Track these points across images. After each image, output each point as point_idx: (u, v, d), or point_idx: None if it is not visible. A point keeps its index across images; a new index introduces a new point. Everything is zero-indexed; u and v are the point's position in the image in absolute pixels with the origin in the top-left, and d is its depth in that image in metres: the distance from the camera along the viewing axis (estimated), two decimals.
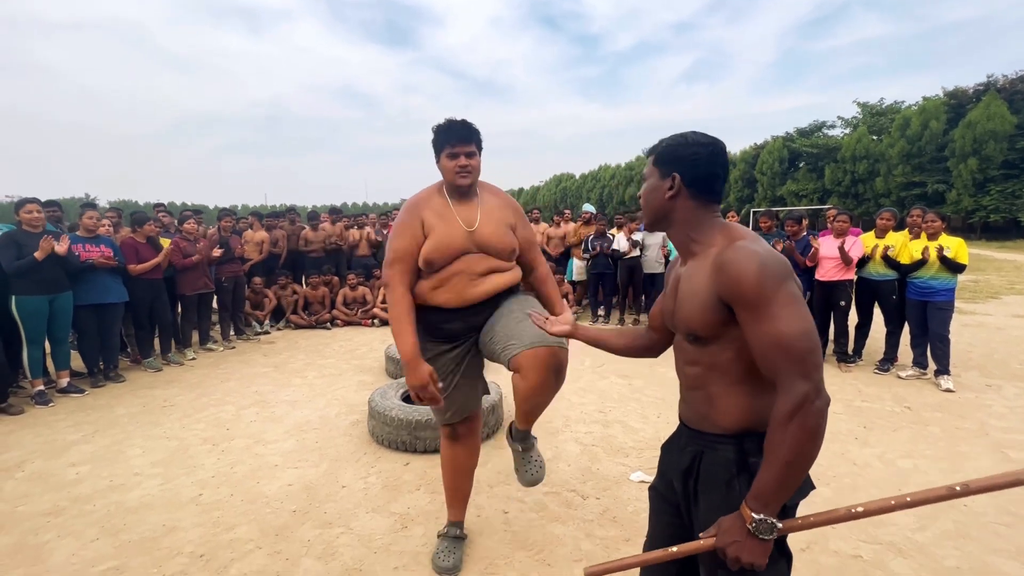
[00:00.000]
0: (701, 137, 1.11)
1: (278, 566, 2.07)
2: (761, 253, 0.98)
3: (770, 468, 0.93)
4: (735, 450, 1.05)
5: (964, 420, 3.51)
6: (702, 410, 1.11)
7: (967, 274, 11.02)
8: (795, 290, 0.97)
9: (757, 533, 0.94)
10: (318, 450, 3.13)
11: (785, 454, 0.91)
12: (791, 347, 0.92)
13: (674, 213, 1.13)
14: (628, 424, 3.51)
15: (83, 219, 4.41)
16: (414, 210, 1.87)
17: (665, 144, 1.15)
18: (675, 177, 1.11)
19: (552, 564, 2.08)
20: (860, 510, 0.95)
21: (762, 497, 0.94)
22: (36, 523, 2.37)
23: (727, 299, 0.99)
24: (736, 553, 0.96)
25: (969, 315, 7.05)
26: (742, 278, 0.96)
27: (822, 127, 32.75)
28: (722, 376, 1.06)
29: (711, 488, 1.07)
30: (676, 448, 1.21)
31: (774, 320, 0.93)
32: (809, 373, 0.91)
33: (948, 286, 4.23)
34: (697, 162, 1.09)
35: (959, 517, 2.38)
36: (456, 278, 1.83)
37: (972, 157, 21.89)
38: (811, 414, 0.90)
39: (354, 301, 7.12)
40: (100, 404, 3.96)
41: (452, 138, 1.82)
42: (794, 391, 0.91)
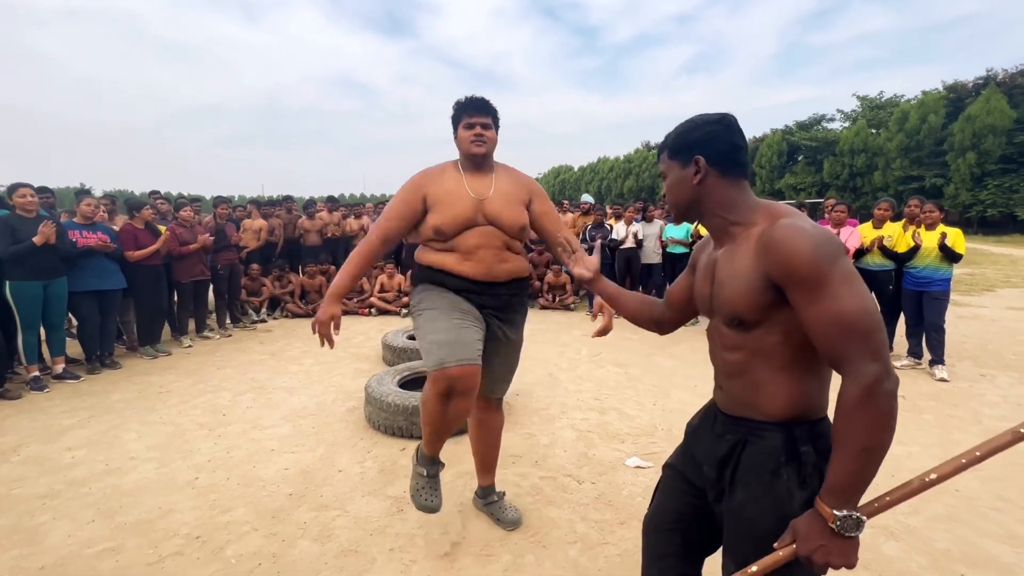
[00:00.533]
0: (709, 116, 1.08)
1: (274, 547, 2.08)
2: (811, 230, 0.93)
3: (845, 458, 0.87)
4: (783, 438, 0.98)
5: (957, 408, 3.54)
6: (745, 397, 1.04)
7: (963, 267, 11.07)
8: (851, 266, 0.92)
9: (843, 531, 0.87)
10: (314, 435, 3.14)
11: (861, 440, 0.85)
12: (855, 326, 0.86)
13: (705, 199, 1.08)
14: (624, 411, 3.52)
15: (80, 206, 4.38)
16: (418, 187, 1.91)
17: (675, 133, 1.11)
18: (698, 160, 1.06)
19: (547, 546, 2.09)
20: (933, 477, 0.91)
21: (840, 491, 0.87)
22: (31, 505, 2.37)
23: (778, 280, 0.93)
24: (824, 558, 0.88)
25: (964, 307, 7.08)
26: (795, 257, 0.90)
27: (821, 120, 32.66)
28: (768, 361, 1.00)
29: (753, 478, 1.01)
30: (710, 434, 1.14)
31: (834, 299, 0.88)
32: (877, 353, 0.86)
33: (944, 276, 4.24)
34: (716, 139, 1.05)
35: (951, 501, 2.40)
36: (483, 251, 1.85)
37: (971, 151, 21.88)
38: (884, 396, 0.85)
39: (351, 289, 7.11)
40: (96, 390, 3.95)
41: (470, 108, 1.89)
42: (863, 373, 0.85)
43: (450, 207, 1.85)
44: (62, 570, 1.94)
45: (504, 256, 1.90)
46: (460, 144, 1.92)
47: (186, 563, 1.98)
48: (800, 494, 0.97)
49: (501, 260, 1.89)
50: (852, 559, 0.89)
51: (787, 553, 0.93)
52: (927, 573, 1.93)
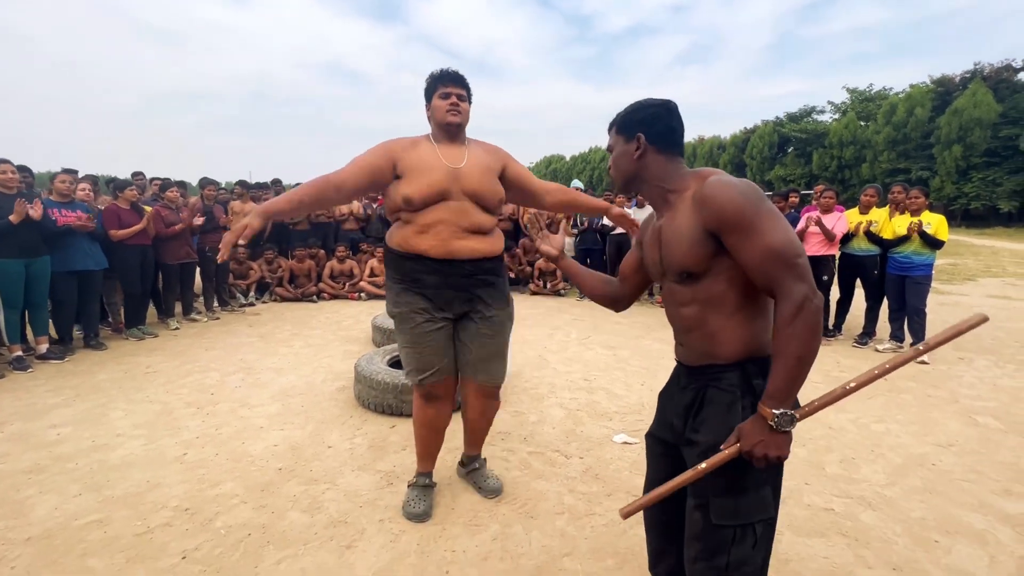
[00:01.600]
0: (654, 100, 1.22)
1: (263, 519, 2.09)
2: (735, 181, 1.05)
3: (783, 366, 0.99)
4: (739, 375, 1.10)
5: (936, 389, 3.63)
6: (702, 347, 1.15)
7: (947, 257, 11.28)
8: (772, 206, 1.04)
9: (779, 427, 1.00)
10: (304, 413, 3.14)
11: (795, 349, 0.98)
12: (783, 254, 0.99)
13: (645, 171, 1.20)
14: (612, 391, 3.56)
15: (55, 183, 4.27)
16: (388, 150, 1.85)
17: (623, 113, 1.24)
18: (639, 137, 1.19)
19: (535, 516, 2.12)
20: (852, 385, 1.05)
21: (778, 394, 1.00)
22: (16, 480, 2.35)
23: (714, 228, 1.05)
24: (764, 451, 1.01)
25: (946, 295, 7.22)
26: (725, 205, 1.02)
27: (811, 112, 32.80)
28: (719, 308, 1.11)
29: (713, 414, 1.12)
30: (676, 390, 1.25)
31: (762, 235, 1.00)
32: (803, 275, 0.99)
33: (926, 261, 4.32)
34: (656, 119, 1.19)
35: (927, 474, 2.47)
36: (441, 226, 1.83)
37: (956, 144, 22.14)
38: (811, 311, 0.98)
39: (341, 274, 7.06)
40: (81, 370, 3.90)
41: (445, 79, 1.87)
42: (794, 293, 0.98)
43: (424, 175, 1.81)
44: (49, 541, 1.93)
45: (464, 234, 1.86)
46: (435, 114, 1.89)
47: (175, 533, 1.98)
48: None
49: (460, 237, 1.85)
50: (785, 451, 1.02)
51: (732, 451, 1.04)
52: (902, 539, 1.99)
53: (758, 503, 1.08)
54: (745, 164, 32.86)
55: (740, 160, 33.49)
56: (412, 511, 2.09)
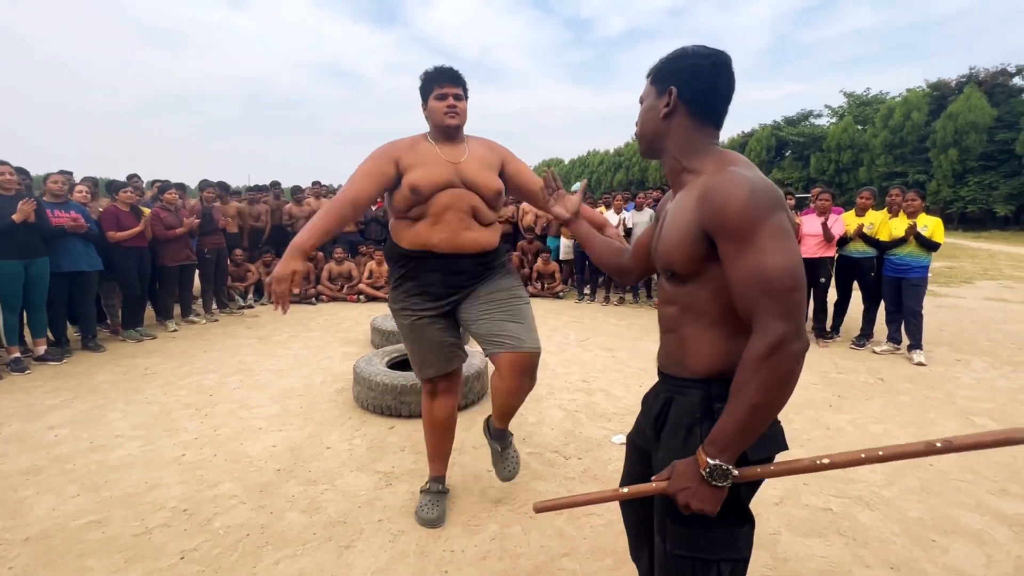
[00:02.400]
0: (702, 49, 1.00)
1: (262, 519, 2.09)
2: (752, 179, 0.88)
3: (734, 411, 0.85)
4: (701, 395, 0.98)
5: (934, 390, 3.64)
6: (675, 354, 1.04)
7: (943, 260, 11.32)
8: (786, 223, 0.88)
9: (711, 479, 0.87)
10: (303, 414, 3.14)
11: (752, 396, 0.83)
12: (773, 282, 0.83)
13: (668, 136, 1.03)
14: (611, 392, 3.57)
15: (48, 183, 4.25)
16: (388, 153, 1.85)
17: (664, 59, 1.05)
18: (671, 91, 1.00)
19: (534, 516, 2.12)
20: (826, 462, 0.88)
21: (720, 442, 0.86)
22: (14, 481, 2.35)
23: (709, 230, 0.90)
24: (686, 499, 0.89)
25: (943, 297, 7.25)
26: (727, 205, 0.86)
27: (809, 116, 32.96)
28: (697, 318, 0.98)
29: (673, 433, 1.01)
30: (652, 395, 1.16)
31: (758, 252, 0.84)
32: (790, 313, 0.83)
33: (922, 263, 4.34)
34: (696, 74, 0.98)
35: (924, 475, 2.48)
36: (450, 214, 1.83)
37: (952, 148, 22.26)
38: (787, 357, 0.82)
39: (339, 276, 7.06)
40: (79, 372, 3.90)
41: (441, 79, 1.84)
42: (771, 331, 0.82)
43: (427, 167, 1.82)
44: (47, 541, 1.93)
45: (470, 223, 1.87)
46: (432, 116, 1.87)
47: (173, 533, 1.98)
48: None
49: (467, 227, 1.86)
50: (710, 507, 0.89)
51: (659, 487, 0.94)
52: (900, 539, 2.00)
53: (725, 539, 0.95)
54: None
55: None
56: (426, 516, 2.06)
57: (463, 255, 1.88)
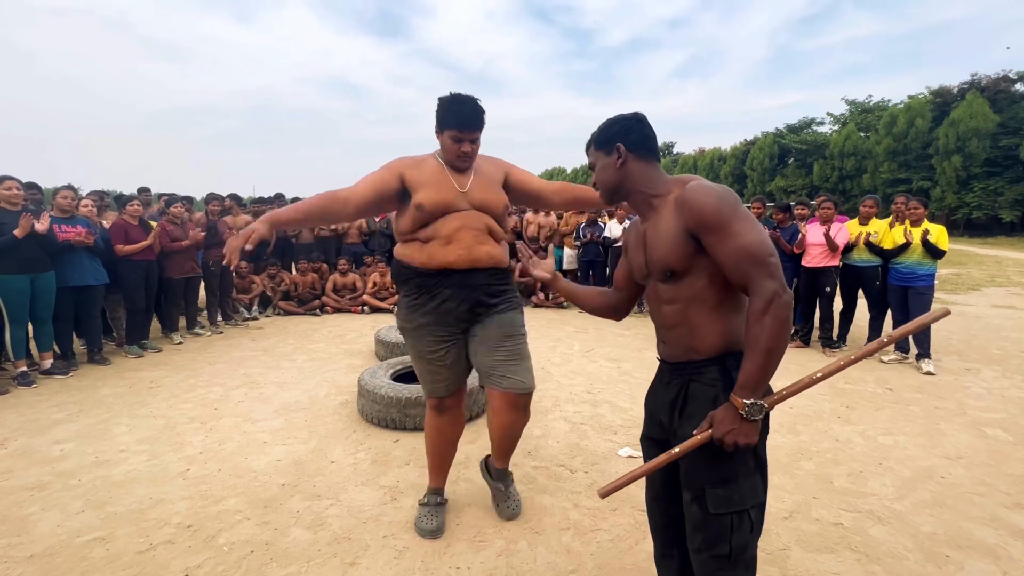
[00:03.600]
0: (624, 114, 1.30)
1: (267, 535, 2.07)
2: (714, 186, 1.13)
3: (753, 358, 1.06)
4: (719, 370, 1.17)
5: (943, 400, 3.60)
6: (685, 343, 1.21)
7: (950, 267, 11.25)
8: (747, 211, 1.12)
9: (749, 416, 1.06)
10: (307, 428, 3.13)
11: (765, 342, 1.05)
12: (756, 253, 1.07)
13: (628, 179, 1.28)
14: (616, 404, 3.54)
15: (57, 198, 4.29)
16: (396, 168, 1.90)
17: (599, 130, 1.32)
18: (619, 147, 1.26)
19: (540, 532, 2.10)
20: (819, 375, 1.12)
21: (748, 384, 1.06)
22: (20, 497, 2.34)
23: (694, 229, 1.13)
24: (734, 438, 1.07)
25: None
26: (704, 208, 1.11)
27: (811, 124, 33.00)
28: (700, 305, 1.17)
29: (697, 409, 1.17)
30: (660, 387, 1.32)
31: (737, 235, 1.08)
32: (774, 273, 1.06)
33: (928, 271, 4.32)
34: (631, 130, 1.27)
35: (936, 488, 2.44)
36: (463, 232, 1.86)
37: (956, 154, 22.21)
38: (781, 306, 1.05)
39: (344, 287, 7.08)
40: (84, 385, 3.91)
41: (461, 123, 1.82)
42: (764, 289, 1.05)
43: (434, 188, 1.86)
44: (51, 559, 1.92)
45: (484, 238, 1.91)
46: (445, 152, 1.91)
47: (177, 551, 1.97)
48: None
49: (481, 242, 1.90)
50: (754, 438, 1.09)
51: (704, 436, 1.11)
52: (913, 555, 1.96)
53: (750, 489, 1.14)
54: (746, 176, 33.01)
55: (741, 172, 33.65)
56: (424, 527, 2.07)
57: (479, 269, 1.90)
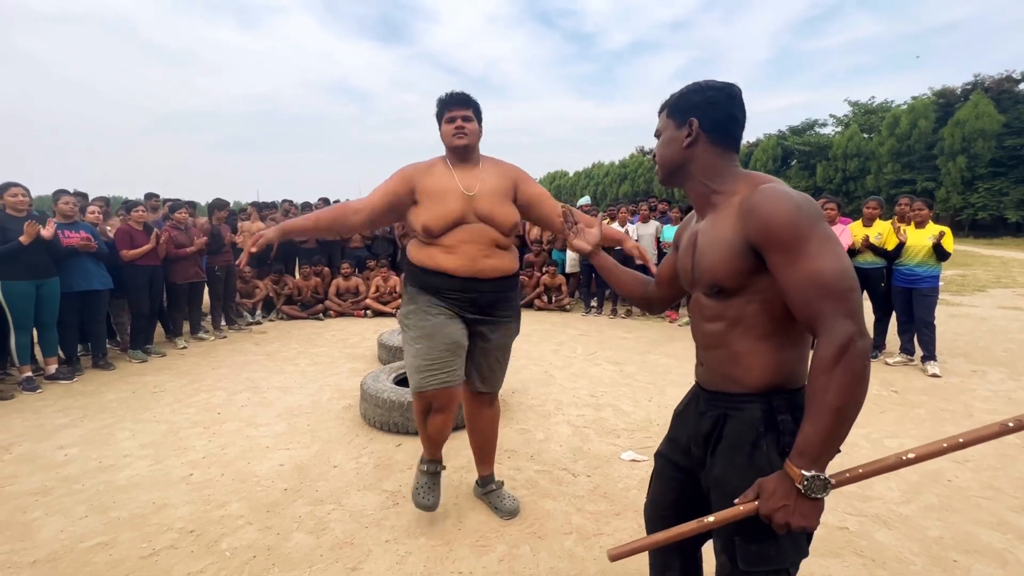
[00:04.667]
0: (716, 82, 1.08)
1: (269, 540, 2.07)
2: (793, 194, 0.94)
3: (817, 418, 0.85)
4: (762, 408, 0.99)
5: (949, 403, 3.57)
6: (724, 370, 1.05)
7: (955, 268, 11.18)
8: (830, 231, 0.92)
9: (809, 492, 0.86)
10: (310, 432, 3.13)
11: (833, 400, 0.84)
12: (833, 285, 0.86)
13: (692, 163, 1.08)
14: (619, 408, 3.53)
15: (59, 204, 4.31)
16: (407, 177, 1.93)
17: (679, 94, 1.11)
18: (692, 123, 1.06)
19: (543, 537, 2.09)
20: (911, 456, 0.90)
21: (810, 452, 0.86)
22: (24, 502, 2.35)
23: (757, 243, 0.94)
24: (785, 518, 0.87)
25: (956, 306, 7.14)
26: (775, 218, 0.91)
27: (814, 125, 32.93)
28: (747, 331, 1.00)
29: (735, 450, 1.01)
30: (694, 413, 1.15)
31: (812, 259, 0.88)
32: (853, 312, 0.86)
33: (932, 273, 4.29)
34: (715, 106, 1.06)
35: (942, 491, 2.42)
36: (466, 246, 1.86)
37: (961, 155, 22.11)
38: (857, 356, 0.84)
39: (347, 291, 7.10)
40: (89, 390, 3.92)
41: (451, 103, 1.92)
42: (838, 332, 0.85)
43: (440, 204, 1.86)
44: (54, 564, 1.92)
45: (490, 252, 1.90)
46: (444, 139, 1.96)
47: (180, 556, 1.97)
48: (780, 463, 0.95)
49: (486, 255, 1.89)
50: (814, 522, 0.88)
51: (748, 509, 0.92)
52: (920, 560, 1.94)
53: (791, 545, 0.97)
54: None
55: None
56: (423, 502, 2.07)
57: (483, 279, 1.90)
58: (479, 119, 1.96)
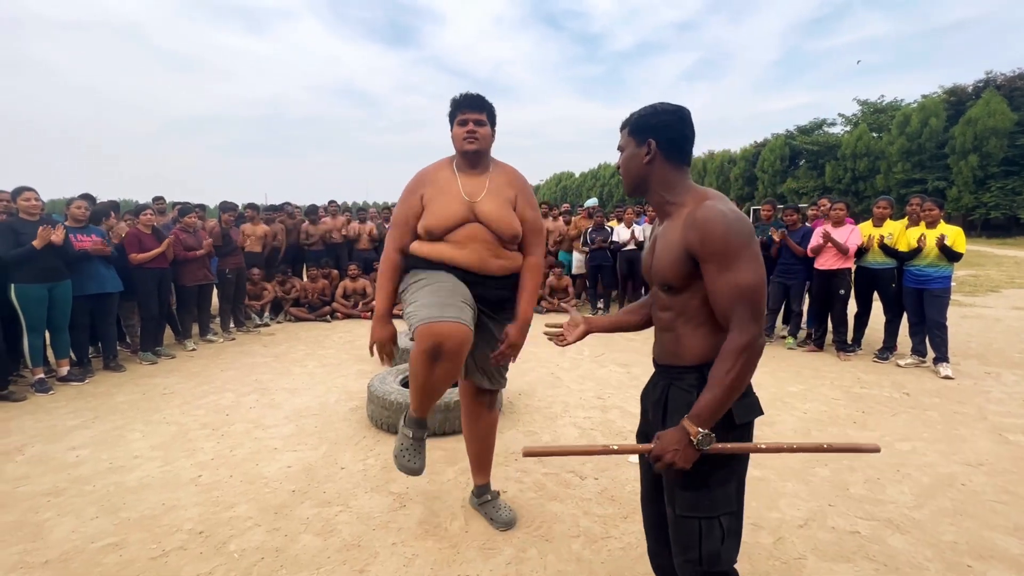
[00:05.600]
0: (669, 106, 1.23)
1: (277, 542, 2.08)
2: (727, 213, 1.10)
3: (715, 391, 1.08)
4: (697, 378, 1.19)
5: (962, 405, 3.52)
6: (671, 348, 1.25)
7: (967, 268, 11.03)
8: (757, 248, 1.12)
9: (699, 445, 1.09)
10: (317, 434, 3.14)
11: (731, 380, 1.07)
12: (750, 296, 1.08)
13: (651, 177, 1.24)
14: (626, 410, 3.51)
15: (71, 208, 4.37)
16: (417, 185, 1.94)
17: (637, 115, 1.26)
18: (650, 143, 1.22)
19: (550, 540, 2.09)
20: (763, 446, 1.16)
21: (704, 414, 1.09)
22: (36, 502, 2.38)
23: (695, 253, 1.12)
24: (672, 458, 1.10)
25: (968, 307, 7.05)
26: (709, 234, 1.09)
27: (823, 124, 32.65)
28: (689, 320, 1.20)
29: (676, 411, 1.20)
30: (650, 387, 1.36)
31: (737, 272, 1.08)
32: (759, 317, 1.09)
33: (944, 274, 4.23)
34: (669, 127, 1.21)
35: (957, 495, 2.38)
36: (474, 244, 1.85)
37: (972, 154, 21.83)
38: (757, 351, 1.09)
39: (354, 293, 7.12)
40: (100, 392, 3.96)
41: (463, 105, 1.89)
42: (747, 330, 1.08)
43: (442, 208, 1.85)
44: (65, 564, 1.94)
45: (498, 251, 1.89)
46: (454, 142, 1.92)
47: (189, 557, 1.98)
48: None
49: (495, 255, 1.88)
50: (686, 465, 1.10)
51: (645, 448, 1.18)
52: (933, 565, 1.91)
53: (723, 497, 1.16)
54: (756, 178, 32.71)
55: (751, 174, 33.37)
56: (408, 465, 1.88)
57: (490, 277, 1.88)
58: (492, 123, 1.92)
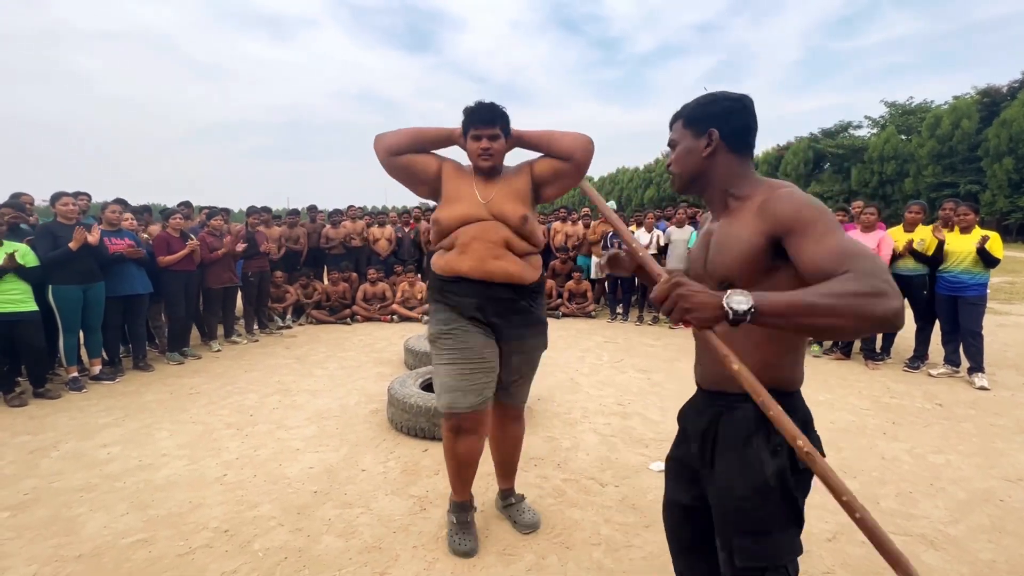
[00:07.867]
0: (730, 93, 1.12)
1: (300, 542, 2.10)
2: (811, 196, 0.99)
3: (799, 295, 0.80)
4: (754, 409, 1.01)
5: (1000, 417, 3.39)
6: (720, 370, 1.07)
7: (1003, 275, 10.64)
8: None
9: (732, 315, 0.81)
10: (338, 436, 3.18)
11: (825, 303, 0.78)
12: (859, 255, 0.85)
13: (712, 171, 1.12)
14: (647, 416, 3.47)
15: (106, 213, 4.53)
16: (441, 162, 1.98)
17: (694, 104, 1.14)
18: (712, 133, 1.10)
19: (571, 547, 2.07)
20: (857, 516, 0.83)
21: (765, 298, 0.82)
22: (69, 498, 2.45)
23: (781, 231, 0.95)
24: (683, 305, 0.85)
25: (1004, 315, 6.79)
26: (802, 207, 0.95)
27: (848, 127, 31.99)
28: (746, 335, 0.97)
29: (728, 447, 1.06)
30: (693, 412, 1.21)
31: (838, 240, 0.89)
32: (893, 285, 0.81)
33: (980, 281, 4.09)
34: (732, 116, 1.10)
35: (994, 512, 2.29)
36: (476, 244, 1.86)
37: (1007, 156, 21.12)
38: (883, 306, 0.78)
39: (374, 296, 7.20)
40: (130, 391, 4.08)
41: (476, 120, 1.87)
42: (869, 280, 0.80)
43: (457, 204, 1.90)
44: (98, 559, 2.00)
45: (499, 253, 1.87)
46: (469, 156, 1.94)
47: (215, 555, 2.02)
48: (772, 462, 1.00)
49: (496, 256, 1.87)
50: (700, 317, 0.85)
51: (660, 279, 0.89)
52: None
53: (787, 543, 1.02)
54: None
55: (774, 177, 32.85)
56: (460, 548, 2.01)
57: (495, 283, 1.88)
58: (506, 133, 1.91)
